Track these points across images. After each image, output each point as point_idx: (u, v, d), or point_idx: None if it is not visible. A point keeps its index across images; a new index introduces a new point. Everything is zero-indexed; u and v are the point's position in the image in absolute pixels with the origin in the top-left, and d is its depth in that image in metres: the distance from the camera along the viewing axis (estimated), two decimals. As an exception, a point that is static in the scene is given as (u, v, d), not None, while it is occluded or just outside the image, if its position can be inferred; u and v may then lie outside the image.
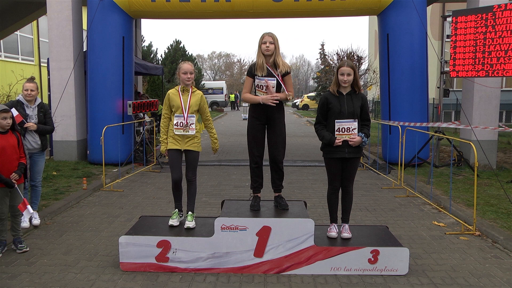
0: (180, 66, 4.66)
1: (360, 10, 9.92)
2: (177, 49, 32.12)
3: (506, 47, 7.98)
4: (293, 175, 9.11)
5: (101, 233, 5.46)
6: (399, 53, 9.54)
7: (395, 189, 7.93)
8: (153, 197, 7.29)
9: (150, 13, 10.04)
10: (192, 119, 4.64)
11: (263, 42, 4.40)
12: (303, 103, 41.86)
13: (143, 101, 10.70)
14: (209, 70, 71.41)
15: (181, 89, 4.69)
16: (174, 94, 4.69)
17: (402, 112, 9.57)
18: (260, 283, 4.12)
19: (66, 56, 10.03)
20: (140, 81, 15.47)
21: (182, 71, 4.61)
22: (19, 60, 18.96)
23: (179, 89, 4.71)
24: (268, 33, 4.45)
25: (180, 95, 4.67)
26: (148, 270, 4.31)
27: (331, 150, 4.42)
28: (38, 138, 5.42)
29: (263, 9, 9.70)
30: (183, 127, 4.60)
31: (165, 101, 4.74)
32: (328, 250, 4.29)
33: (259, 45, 4.43)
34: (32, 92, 5.38)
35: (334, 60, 22.83)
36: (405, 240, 5.16)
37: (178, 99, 4.65)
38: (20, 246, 4.76)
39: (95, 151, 9.52)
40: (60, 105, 9.62)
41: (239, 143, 14.35)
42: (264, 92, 4.43)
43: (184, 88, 4.68)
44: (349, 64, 4.37)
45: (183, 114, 4.61)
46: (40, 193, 5.78)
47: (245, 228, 4.25)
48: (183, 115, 4.61)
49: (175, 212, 4.73)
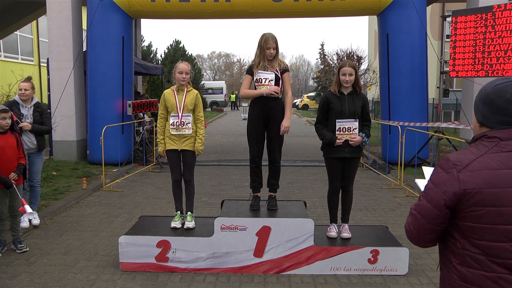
0: (176, 65, 4.66)
1: (360, 10, 9.92)
2: (176, 49, 32.12)
3: (505, 47, 7.98)
4: (293, 175, 9.11)
5: (101, 233, 5.46)
6: (399, 53, 9.54)
7: (395, 189, 7.93)
8: (153, 197, 7.29)
9: (149, 13, 10.04)
10: (188, 118, 4.61)
11: (267, 47, 4.33)
12: (303, 103, 41.85)
13: (143, 101, 10.70)
14: (209, 70, 71.39)
15: (176, 89, 4.68)
16: (169, 94, 4.68)
17: (402, 112, 9.57)
18: (260, 283, 4.12)
19: (66, 56, 10.03)
20: (140, 81, 15.48)
21: (178, 70, 4.62)
22: (19, 60, 18.96)
23: (174, 88, 4.69)
24: (272, 36, 4.36)
25: (175, 94, 4.65)
26: (148, 270, 4.31)
27: (332, 150, 4.42)
28: (34, 138, 5.37)
29: (262, 9, 9.70)
30: (178, 126, 4.59)
31: (161, 101, 4.73)
32: (328, 250, 4.29)
33: (263, 48, 4.35)
34: (26, 92, 5.33)
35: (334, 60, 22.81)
36: (405, 240, 5.15)
37: (173, 99, 4.63)
38: (20, 246, 4.76)
39: (95, 151, 9.52)
40: (60, 105, 9.62)
41: (239, 143, 14.35)
42: (265, 85, 4.41)
43: (179, 87, 4.67)
44: (351, 64, 4.37)
45: (178, 114, 4.60)
46: (39, 193, 5.78)
47: (245, 228, 4.25)
48: (177, 115, 4.59)
49: (177, 214, 4.72)
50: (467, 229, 1.68)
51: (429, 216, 1.72)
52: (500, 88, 1.68)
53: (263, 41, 4.35)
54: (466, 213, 1.66)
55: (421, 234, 1.77)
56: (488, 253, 1.65)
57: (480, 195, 1.62)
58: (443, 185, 1.68)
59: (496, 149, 1.66)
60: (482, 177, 1.62)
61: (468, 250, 1.69)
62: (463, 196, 1.64)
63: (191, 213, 4.72)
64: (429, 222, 1.72)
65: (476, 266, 1.68)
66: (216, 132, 18.75)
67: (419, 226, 1.76)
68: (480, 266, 1.67)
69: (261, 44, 4.37)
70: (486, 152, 1.67)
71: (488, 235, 1.64)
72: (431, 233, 1.75)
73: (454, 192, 1.65)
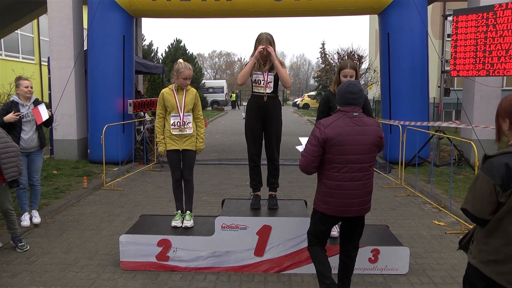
0: (180, 70, 4.51)
1: (361, 9, 9.91)
2: (177, 48, 32.14)
3: (507, 47, 7.97)
4: (293, 174, 9.11)
5: (101, 232, 5.46)
6: (399, 52, 9.53)
7: (395, 188, 7.93)
8: (154, 196, 7.30)
9: (150, 12, 10.03)
10: (189, 117, 4.59)
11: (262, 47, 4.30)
12: (304, 102, 41.77)
13: (144, 100, 10.70)
14: (210, 69, 71.41)
15: (176, 88, 4.63)
16: (168, 93, 4.61)
17: (403, 111, 9.56)
18: (260, 282, 4.12)
19: (67, 55, 10.02)
20: (141, 80, 15.48)
21: (182, 76, 4.51)
22: (20, 59, 18.95)
23: (173, 88, 4.64)
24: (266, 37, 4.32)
25: (174, 94, 4.60)
26: (148, 269, 4.31)
27: None
28: (34, 136, 5.39)
29: (263, 8, 9.69)
30: (180, 126, 4.57)
31: (159, 100, 4.65)
32: (328, 249, 4.26)
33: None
34: (31, 89, 5.40)
35: (335, 59, 22.76)
36: (405, 239, 5.16)
37: (173, 99, 4.58)
38: (21, 245, 4.76)
39: (95, 150, 9.52)
40: (60, 104, 9.62)
41: (239, 142, 14.35)
42: (261, 86, 4.41)
43: (178, 87, 4.64)
44: (352, 65, 4.35)
45: (179, 114, 4.58)
46: (40, 192, 5.77)
47: (245, 227, 4.25)
48: (179, 115, 4.57)
49: (178, 213, 4.72)
50: (328, 158, 3.19)
51: (312, 153, 3.19)
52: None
53: (257, 40, 4.36)
54: (328, 149, 3.16)
55: (310, 164, 3.23)
56: (337, 171, 3.19)
57: (334, 140, 3.14)
58: (317, 135, 3.17)
59: (343, 116, 3.21)
60: (335, 131, 3.15)
61: (328, 170, 3.22)
62: (326, 140, 3.15)
63: (190, 212, 4.72)
64: (313, 156, 3.19)
65: (332, 178, 3.21)
66: (216, 131, 18.76)
67: (308, 160, 3.22)
68: (333, 178, 3.21)
69: (255, 45, 4.36)
70: (338, 118, 3.20)
71: (337, 160, 3.17)
72: (314, 162, 3.22)
73: (323, 138, 3.15)
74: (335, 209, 3.24)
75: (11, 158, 4.54)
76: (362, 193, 3.25)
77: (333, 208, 3.24)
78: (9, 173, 4.51)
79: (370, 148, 3.20)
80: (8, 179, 4.52)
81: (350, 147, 3.14)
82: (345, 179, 3.17)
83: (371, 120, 3.28)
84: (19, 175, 4.65)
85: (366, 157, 3.20)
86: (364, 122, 3.21)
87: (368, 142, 3.19)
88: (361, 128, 3.18)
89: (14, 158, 4.57)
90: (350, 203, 3.22)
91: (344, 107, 3.22)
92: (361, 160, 3.18)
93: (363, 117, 3.24)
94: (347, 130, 3.14)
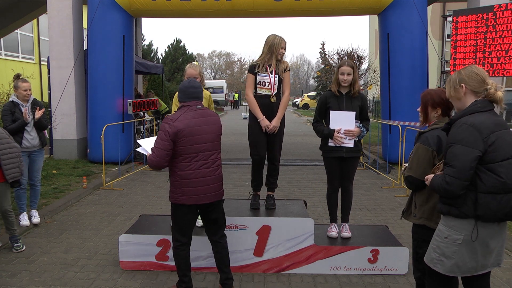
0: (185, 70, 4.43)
1: (361, 10, 9.91)
2: (177, 48, 32.13)
3: (506, 47, 7.98)
4: (293, 174, 9.11)
5: (101, 232, 5.46)
6: (399, 53, 9.53)
7: (395, 188, 7.93)
8: (153, 196, 7.30)
9: (150, 11, 10.04)
10: None
11: (281, 46, 4.35)
12: (304, 102, 41.77)
13: (143, 99, 10.70)
14: (210, 69, 71.36)
15: None
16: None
17: (402, 112, 9.55)
18: (260, 282, 4.12)
19: (67, 55, 10.02)
20: (140, 80, 15.47)
21: (186, 76, 4.47)
22: (19, 58, 18.94)
23: None
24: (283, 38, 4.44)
25: None
26: (148, 269, 4.31)
27: (329, 149, 4.41)
28: (36, 135, 5.40)
29: (263, 8, 9.70)
30: None
31: (174, 102, 4.67)
32: (327, 249, 4.29)
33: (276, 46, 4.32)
34: (30, 92, 5.43)
35: (335, 60, 22.77)
36: (405, 240, 5.16)
37: None
38: (16, 246, 4.76)
39: (95, 150, 9.51)
40: (60, 104, 9.62)
41: (239, 142, 14.34)
42: (267, 88, 4.41)
43: None
44: (349, 63, 4.36)
45: None
46: (40, 191, 5.78)
47: (245, 227, 4.25)
48: None
49: None
50: (180, 150, 3.41)
51: (164, 147, 3.35)
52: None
53: (277, 40, 4.34)
54: (179, 141, 3.38)
55: (163, 158, 3.37)
56: (189, 160, 3.42)
57: (184, 131, 3.37)
58: (168, 129, 3.35)
59: (188, 110, 3.48)
60: (184, 123, 3.38)
61: (181, 161, 3.43)
62: (177, 133, 3.35)
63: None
64: (165, 150, 3.35)
65: (186, 168, 3.43)
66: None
67: (160, 154, 3.35)
68: (187, 168, 3.43)
69: (275, 43, 4.33)
70: (184, 112, 3.46)
71: (188, 151, 3.41)
72: (167, 156, 3.38)
73: (173, 131, 3.34)
74: (194, 197, 3.46)
75: (13, 159, 4.54)
76: (215, 178, 3.55)
77: (192, 196, 3.45)
78: (11, 173, 4.52)
79: (216, 137, 3.58)
80: (10, 179, 4.53)
81: (199, 137, 3.44)
82: (198, 167, 3.44)
83: (212, 111, 3.69)
84: (20, 175, 4.66)
85: (214, 145, 3.55)
86: (208, 114, 3.58)
87: (213, 131, 3.55)
88: (206, 119, 3.53)
89: (15, 158, 4.57)
90: (206, 190, 3.49)
91: (188, 102, 3.52)
92: (209, 148, 3.51)
93: (205, 109, 3.60)
94: (195, 121, 3.44)
